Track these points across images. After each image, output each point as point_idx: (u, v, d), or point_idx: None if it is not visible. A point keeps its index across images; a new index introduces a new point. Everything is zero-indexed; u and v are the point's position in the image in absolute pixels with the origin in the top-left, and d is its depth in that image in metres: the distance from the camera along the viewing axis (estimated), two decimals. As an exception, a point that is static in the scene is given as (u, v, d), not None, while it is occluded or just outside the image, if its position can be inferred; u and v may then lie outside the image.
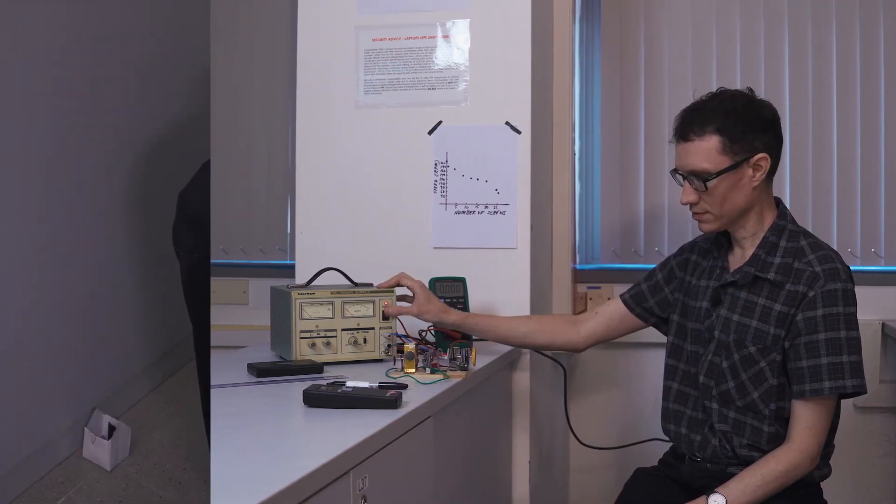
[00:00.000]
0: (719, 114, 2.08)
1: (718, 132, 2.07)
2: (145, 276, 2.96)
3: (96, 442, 2.76)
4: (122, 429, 2.83)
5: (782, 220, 2.15)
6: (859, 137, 3.20)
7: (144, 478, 2.76)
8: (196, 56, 2.81)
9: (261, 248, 3.61)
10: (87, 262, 2.70)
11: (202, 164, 2.56)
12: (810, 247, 2.11)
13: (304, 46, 2.77)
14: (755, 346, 2.08)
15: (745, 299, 2.12)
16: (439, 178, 2.67)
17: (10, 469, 2.55)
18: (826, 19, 3.21)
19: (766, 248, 2.12)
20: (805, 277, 2.06)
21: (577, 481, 3.31)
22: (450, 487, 2.10)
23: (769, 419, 2.08)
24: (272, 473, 1.36)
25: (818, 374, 2.02)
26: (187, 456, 2.86)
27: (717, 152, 2.07)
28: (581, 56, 3.33)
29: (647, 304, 2.35)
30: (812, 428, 2.04)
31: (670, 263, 2.35)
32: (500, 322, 2.41)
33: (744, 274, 2.12)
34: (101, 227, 2.74)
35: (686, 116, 2.12)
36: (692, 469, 2.19)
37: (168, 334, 3.11)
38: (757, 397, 2.09)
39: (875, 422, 3.17)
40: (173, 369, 3.20)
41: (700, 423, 2.19)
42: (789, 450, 2.04)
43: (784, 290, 2.07)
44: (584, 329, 2.40)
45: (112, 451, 2.76)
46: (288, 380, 2.10)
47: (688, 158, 2.10)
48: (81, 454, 2.78)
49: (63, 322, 2.66)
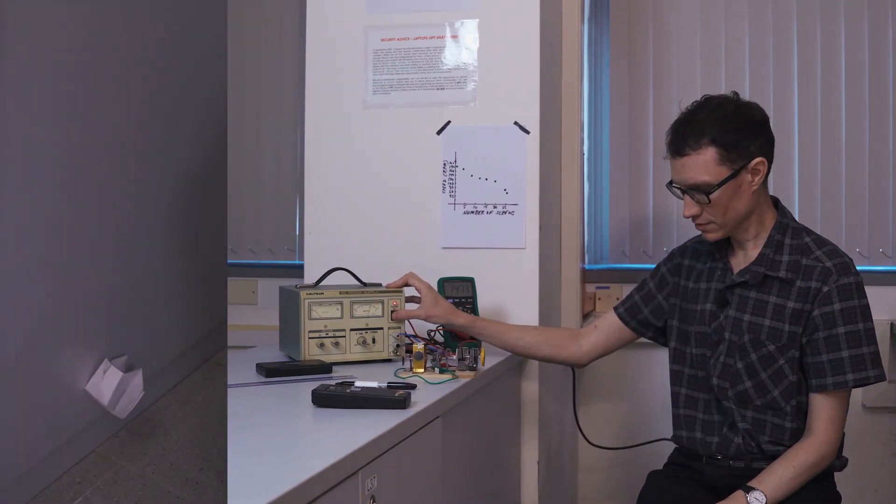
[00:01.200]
0: (711, 124, 2.07)
1: (714, 143, 2.06)
2: (161, 276, 2.96)
3: (109, 371, 2.70)
4: (137, 376, 2.77)
5: (784, 217, 2.17)
6: (868, 137, 3.20)
7: (161, 478, 2.76)
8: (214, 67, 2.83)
9: (269, 248, 3.62)
10: (107, 265, 2.71)
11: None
12: (815, 243, 2.14)
13: (312, 46, 2.78)
14: (773, 344, 2.09)
15: (755, 298, 2.12)
16: (448, 178, 2.67)
17: (27, 469, 2.56)
18: (835, 20, 3.21)
19: (772, 247, 2.13)
20: (817, 273, 2.08)
21: (586, 481, 3.31)
22: (458, 487, 2.10)
23: (790, 415, 2.10)
24: (281, 473, 1.36)
25: (840, 367, 2.05)
26: (203, 456, 2.87)
27: (716, 163, 2.07)
28: (590, 56, 3.34)
29: (641, 315, 2.35)
30: (833, 419, 2.08)
31: (661, 270, 2.35)
32: (507, 330, 2.41)
33: (754, 273, 2.12)
34: (119, 225, 2.75)
35: (678, 131, 2.12)
36: (713, 469, 2.19)
37: (184, 337, 3.12)
38: (778, 395, 2.10)
39: (884, 422, 3.16)
40: (189, 371, 3.21)
41: (717, 425, 2.20)
42: (816, 441, 2.07)
43: (795, 287, 2.09)
44: (586, 343, 2.40)
45: (119, 388, 2.70)
46: (297, 380, 2.10)
47: (686, 173, 2.09)
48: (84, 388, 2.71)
49: (78, 323, 2.66)
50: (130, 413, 2.77)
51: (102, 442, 2.86)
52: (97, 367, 2.72)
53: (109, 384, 2.71)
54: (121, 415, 2.76)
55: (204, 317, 2.61)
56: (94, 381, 2.73)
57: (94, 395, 2.71)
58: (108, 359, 2.73)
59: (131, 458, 2.82)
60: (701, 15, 3.30)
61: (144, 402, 3.00)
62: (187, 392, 3.15)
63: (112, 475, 2.75)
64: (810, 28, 3.22)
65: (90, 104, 2.54)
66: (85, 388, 2.71)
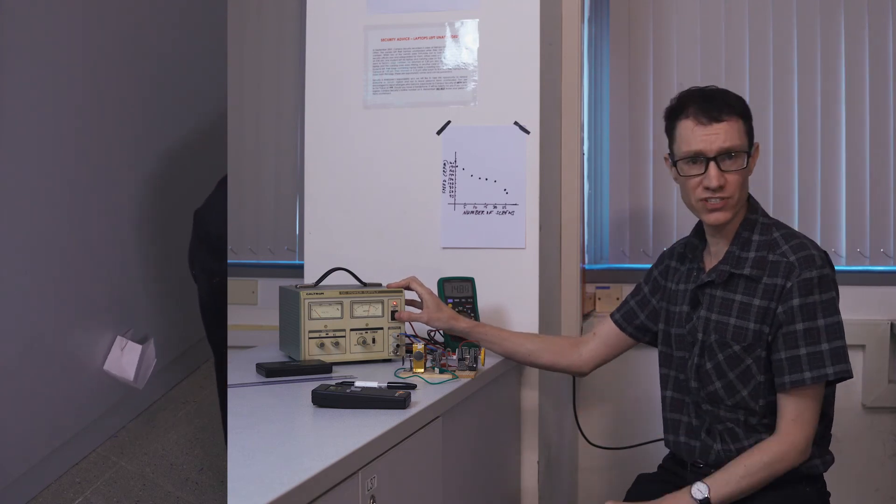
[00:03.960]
0: (734, 98, 2.11)
1: (742, 117, 2.10)
2: (161, 277, 2.96)
3: (127, 347, 2.70)
4: (150, 345, 2.76)
5: (752, 213, 2.15)
6: (868, 136, 3.19)
7: (161, 478, 2.77)
8: (212, 63, 2.83)
9: (269, 248, 3.61)
10: (103, 261, 2.70)
11: (219, 181, 2.56)
12: (783, 238, 2.10)
13: (312, 46, 2.78)
14: (739, 344, 2.07)
15: (721, 297, 2.11)
16: (448, 178, 2.67)
17: (28, 469, 2.56)
18: (835, 18, 3.21)
19: (738, 244, 2.11)
20: (782, 269, 2.05)
21: (586, 481, 3.31)
22: (458, 487, 2.10)
23: (760, 415, 2.08)
24: (281, 473, 1.36)
25: (797, 364, 2.02)
26: (203, 456, 2.87)
27: (745, 133, 2.10)
28: (590, 56, 3.34)
29: (637, 321, 2.35)
30: (797, 420, 2.03)
31: (653, 274, 2.35)
32: (507, 336, 2.41)
33: (719, 272, 2.11)
34: (117, 225, 2.74)
35: (711, 98, 2.10)
36: (696, 476, 2.17)
37: (183, 336, 3.11)
38: (746, 395, 2.08)
39: (883, 422, 3.16)
40: (189, 371, 3.21)
41: (696, 429, 2.18)
42: (774, 441, 2.04)
43: (761, 285, 2.07)
44: (586, 352, 2.40)
45: (140, 360, 2.69)
46: (297, 380, 2.10)
47: (723, 138, 2.06)
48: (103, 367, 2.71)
49: (78, 323, 2.66)
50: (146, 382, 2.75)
51: (102, 442, 2.86)
52: (108, 349, 2.71)
53: (131, 360, 2.71)
54: (140, 385, 2.75)
55: (197, 324, 2.62)
56: (113, 359, 2.71)
57: (115, 374, 2.70)
58: (119, 335, 2.72)
59: (131, 458, 2.83)
60: (701, 15, 3.30)
61: (144, 401, 3.00)
62: (187, 392, 3.15)
63: (112, 475, 2.75)
64: (810, 28, 3.22)
65: (93, 100, 2.54)
66: (104, 369, 2.70)
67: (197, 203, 2.33)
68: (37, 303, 2.51)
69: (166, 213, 2.90)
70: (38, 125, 2.38)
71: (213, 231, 2.27)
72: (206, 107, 2.89)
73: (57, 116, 2.44)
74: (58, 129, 2.45)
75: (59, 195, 2.51)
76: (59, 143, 2.46)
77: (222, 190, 2.33)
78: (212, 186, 2.34)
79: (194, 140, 2.94)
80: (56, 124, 2.44)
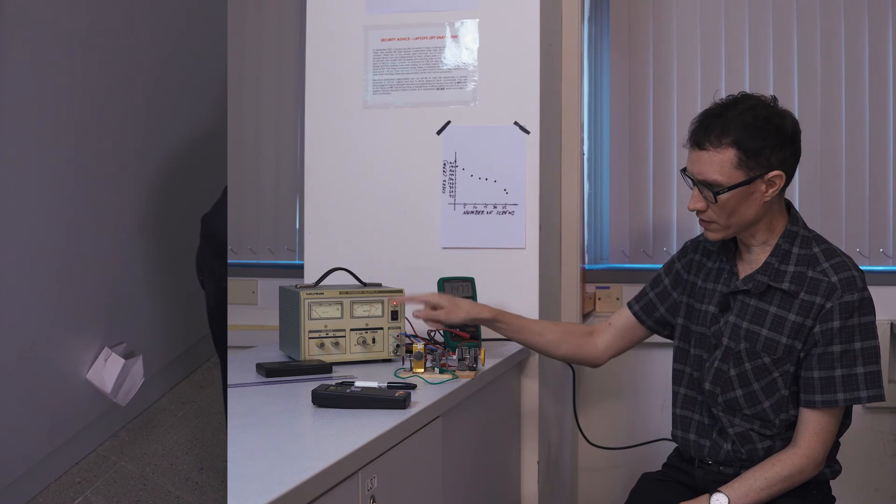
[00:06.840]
0: (738, 125, 1.99)
1: (735, 145, 1.99)
2: (161, 276, 2.96)
3: (111, 359, 2.68)
4: (137, 362, 2.74)
5: (794, 225, 2.10)
6: (868, 136, 3.20)
7: (161, 478, 2.77)
8: (213, 67, 2.83)
9: (269, 247, 3.62)
10: (104, 259, 2.71)
11: (225, 187, 2.57)
12: (824, 254, 2.07)
13: (312, 46, 2.78)
14: (769, 356, 2.05)
15: (755, 307, 2.08)
16: (448, 178, 2.67)
17: (28, 469, 2.56)
18: (835, 18, 3.21)
19: (778, 256, 2.07)
20: (822, 288, 2.02)
21: (586, 481, 3.31)
22: (458, 487, 2.10)
23: (778, 427, 2.07)
24: (281, 473, 1.36)
25: (831, 385, 2.00)
26: (203, 456, 2.87)
27: (732, 166, 2.00)
28: (590, 56, 3.34)
29: (657, 313, 2.30)
30: (819, 434, 2.03)
31: (675, 266, 2.30)
32: (527, 324, 2.36)
33: (756, 283, 2.07)
34: (117, 226, 2.74)
35: (704, 123, 2.03)
36: (704, 473, 2.17)
37: (184, 335, 3.12)
38: (768, 407, 2.07)
39: (884, 422, 3.16)
40: (189, 370, 3.21)
41: (708, 429, 2.18)
42: (795, 454, 2.03)
43: (798, 300, 2.03)
44: (602, 342, 2.36)
45: (121, 375, 2.67)
46: (297, 380, 2.10)
47: (701, 167, 2.02)
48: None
49: (79, 323, 2.66)
50: (131, 400, 2.75)
51: (102, 442, 2.86)
52: (97, 356, 2.71)
53: (111, 372, 2.70)
54: (122, 402, 2.75)
55: (204, 317, 2.61)
56: (96, 370, 2.71)
57: (95, 384, 2.70)
58: (107, 347, 2.72)
59: (131, 458, 2.83)
60: (701, 15, 3.30)
61: (144, 401, 3.00)
62: (187, 392, 3.15)
63: (112, 475, 2.75)
64: (810, 28, 3.22)
65: (93, 101, 2.55)
66: (86, 378, 2.70)
67: (199, 205, 2.33)
68: (38, 303, 2.51)
69: (167, 216, 2.90)
70: (33, 135, 2.38)
71: (218, 236, 2.27)
72: (205, 109, 2.89)
73: (55, 129, 2.44)
74: (55, 137, 2.45)
75: (60, 196, 2.51)
76: (54, 150, 2.46)
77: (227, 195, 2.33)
78: (212, 190, 2.34)
79: (194, 144, 2.94)
80: (53, 134, 2.44)
